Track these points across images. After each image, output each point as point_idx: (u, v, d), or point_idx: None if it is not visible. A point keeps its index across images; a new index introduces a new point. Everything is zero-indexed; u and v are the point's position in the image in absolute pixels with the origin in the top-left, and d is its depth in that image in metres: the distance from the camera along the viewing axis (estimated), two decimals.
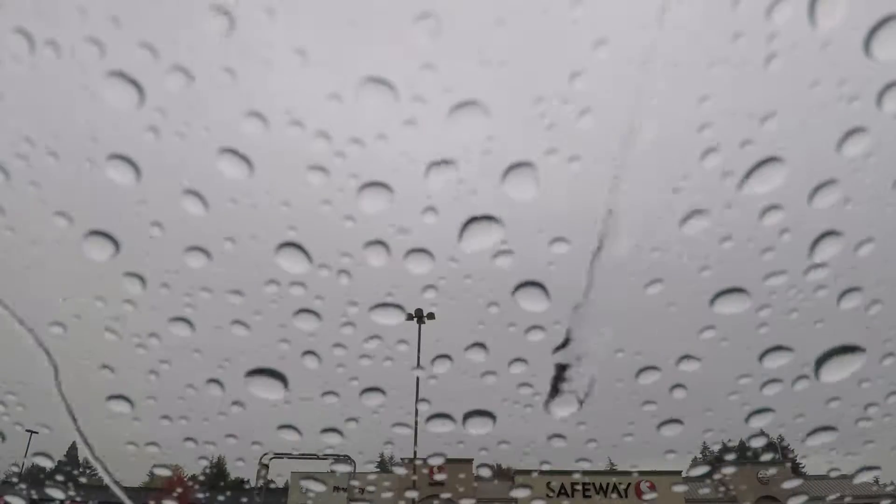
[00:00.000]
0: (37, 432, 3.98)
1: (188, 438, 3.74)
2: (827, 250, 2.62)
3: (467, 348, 3.34)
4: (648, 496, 28.80)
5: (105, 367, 3.44)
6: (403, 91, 2.52)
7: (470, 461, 29.58)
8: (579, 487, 29.33)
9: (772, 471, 29.26)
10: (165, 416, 3.92)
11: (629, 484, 29.34)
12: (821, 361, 2.62)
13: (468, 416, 3.03)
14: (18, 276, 3.20)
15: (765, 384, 3.31)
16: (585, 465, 4.54)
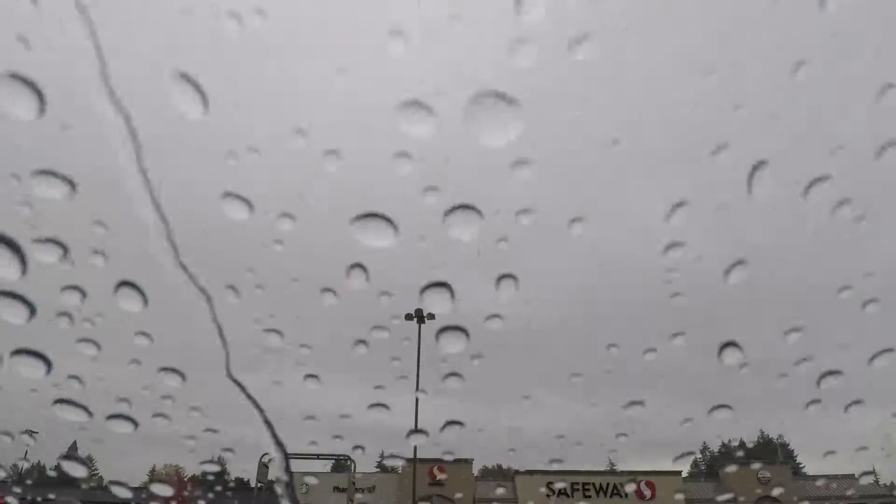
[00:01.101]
0: (37, 432, 3.98)
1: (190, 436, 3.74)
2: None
3: None
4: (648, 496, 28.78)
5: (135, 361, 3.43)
6: None
7: (470, 461, 29.67)
8: (579, 488, 29.32)
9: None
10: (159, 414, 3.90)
11: (629, 483, 29.34)
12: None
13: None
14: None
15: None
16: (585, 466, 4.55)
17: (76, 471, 2.93)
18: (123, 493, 3.29)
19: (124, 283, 2.86)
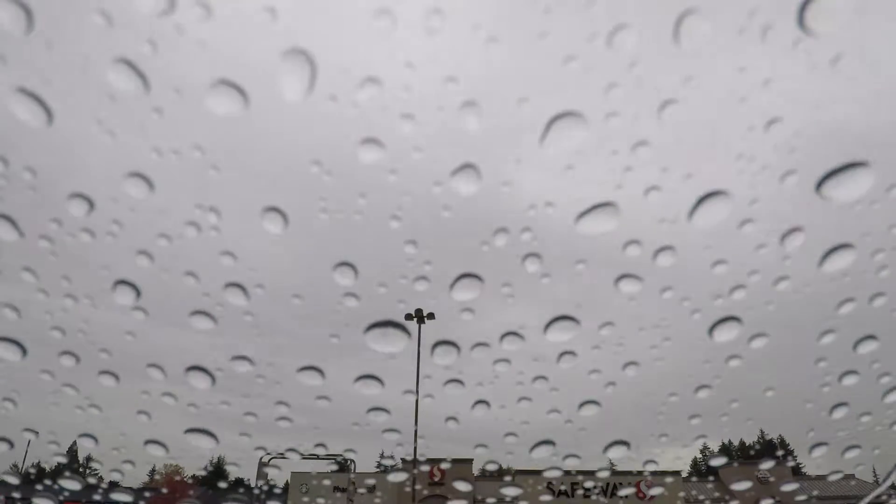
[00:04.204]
0: (37, 432, 3.99)
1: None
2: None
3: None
4: (653, 491, 28.80)
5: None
6: None
7: (470, 461, 29.71)
8: (580, 489, 29.36)
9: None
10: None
11: (629, 483, 29.36)
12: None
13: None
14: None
15: None
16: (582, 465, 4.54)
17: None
18: (123, 496, 3.30)
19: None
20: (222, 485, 33.61)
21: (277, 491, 34.50)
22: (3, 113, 2.18)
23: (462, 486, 18.64)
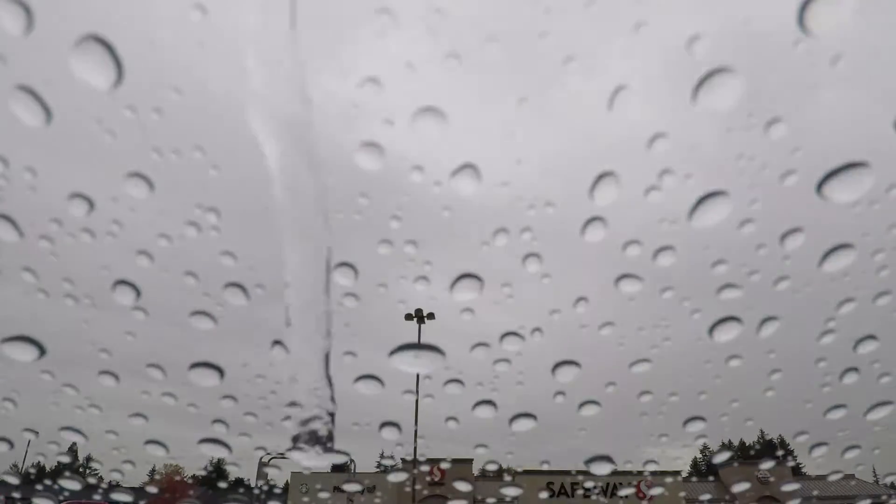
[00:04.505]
0: (37, 432, 4.00)
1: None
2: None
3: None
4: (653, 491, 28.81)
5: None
6: None
7: (470, 461, 29.76)
8: (580, 490, 29.38)
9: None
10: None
11: (629, 484, 29.37)
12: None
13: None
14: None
15: None
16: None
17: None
18: (124, 496, 3.30)
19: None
20: (222, 485, 33.59)
21: (277, 491, 34.51)
22: (3, 113, 2.18)
23: (462, 486, 18.64)
